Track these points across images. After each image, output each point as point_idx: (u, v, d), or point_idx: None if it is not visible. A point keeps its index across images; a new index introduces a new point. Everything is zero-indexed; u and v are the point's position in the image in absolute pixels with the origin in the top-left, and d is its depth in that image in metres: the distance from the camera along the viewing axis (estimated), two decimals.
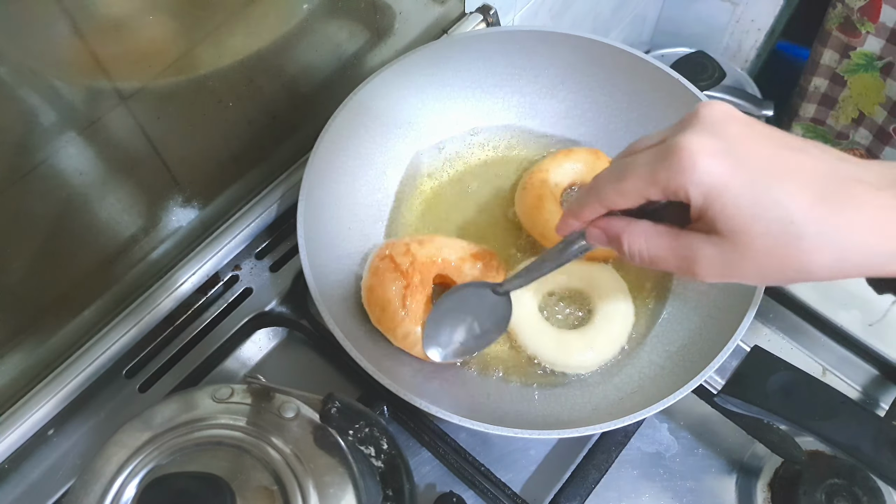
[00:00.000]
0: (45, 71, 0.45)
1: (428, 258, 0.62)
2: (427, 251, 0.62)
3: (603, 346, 0.61)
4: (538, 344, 0.61)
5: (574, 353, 0.61)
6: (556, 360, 0.61)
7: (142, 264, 0.62)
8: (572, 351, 0.61)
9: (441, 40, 0.75)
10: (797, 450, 0.59)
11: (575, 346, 0.61)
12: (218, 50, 0.55)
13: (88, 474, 0.43)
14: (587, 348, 0.61)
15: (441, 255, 0.63)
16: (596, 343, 0.61)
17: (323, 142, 0.63)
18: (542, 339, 0.61)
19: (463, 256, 0.63)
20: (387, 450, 0.46)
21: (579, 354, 0.61)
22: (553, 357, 0.61)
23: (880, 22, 1.06)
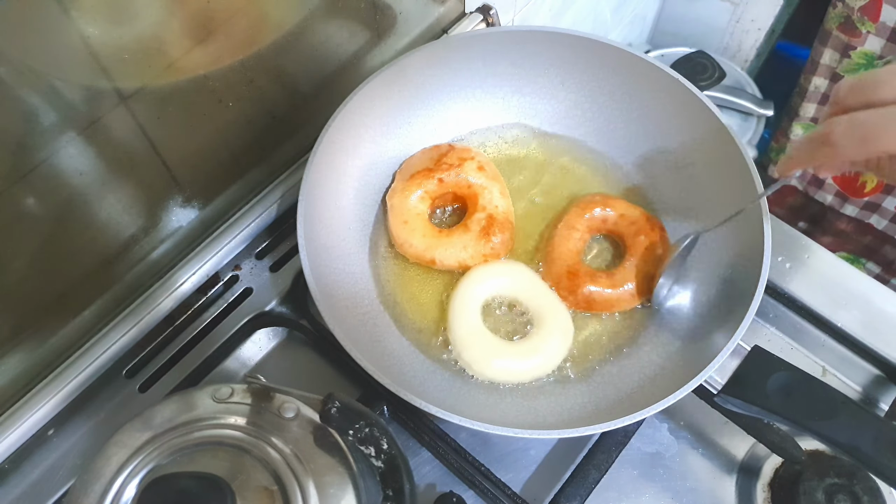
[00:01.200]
0: (45, 71, 0.45)
1: (465, 177, 0.67)
2: (473, 176, 0.67)
3: (534, 363, 0.61)
4: (468, 345, 0.61)
5: (514, 364, 0.60)
6: (485, 372, 0.61)
7: (142, 264, 0.62)
8: (500, 360, 0.60)
9: (441, 40, 0.75)
10: (797, 450, 0.59)
11: (515, 358, 0.61)
12: (218, 50, 0.55)
13: (88, 474, 0.43)
14: (520, 358, 0.61)
15: (476, 189, 0.66)
16: (528, 357, 0.61)
17: (323, 142, 0.63)
18: (473, 340, 0.61)
19: (486, 206, 0.66)
20: (387, 450, 0.46)
21: (519, 365, 0.60)
22: (482, 368, 0.60)
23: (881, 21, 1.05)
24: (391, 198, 0.67)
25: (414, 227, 0.65)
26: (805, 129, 1.29)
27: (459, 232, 0.65)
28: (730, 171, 0.63)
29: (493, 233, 0.65)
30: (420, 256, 0.65)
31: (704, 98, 0.64)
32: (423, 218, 0.66)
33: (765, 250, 0.57)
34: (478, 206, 0.66)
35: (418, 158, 0.69)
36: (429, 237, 0.65)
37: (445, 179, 0.66)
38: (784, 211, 1.37)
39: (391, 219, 0.66)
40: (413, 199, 0.66)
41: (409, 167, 0.68)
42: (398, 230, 0.65)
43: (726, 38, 1.35)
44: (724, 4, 1.30)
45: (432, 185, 0.66)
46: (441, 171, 0.66)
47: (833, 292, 0.70)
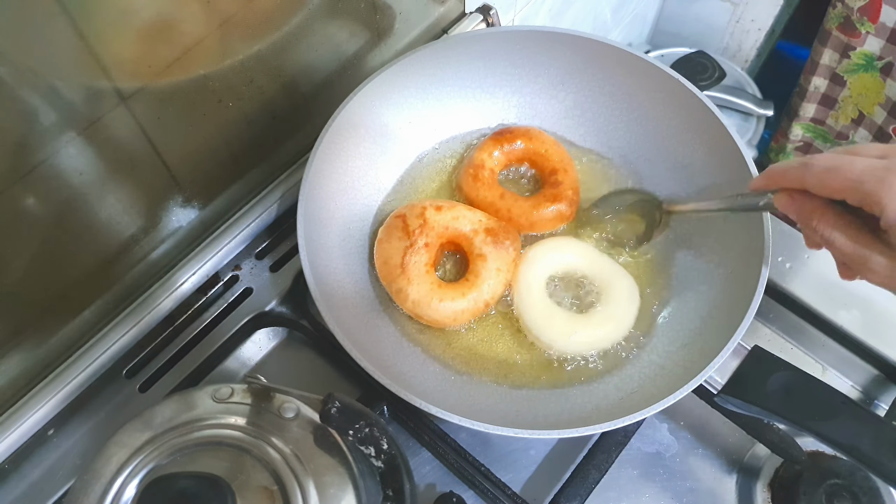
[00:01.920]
0: (45, 71, 0.45)
1: (440, 224, 0.64)
2: (441, 218, 0.64)
3: (610, 330, 0.62)
4: (545, 325, 0.62)
5: (579, 334, 0.61)
6: (559, 342, 0.61)
7: (142, 264, 0.62)
8: (578, 332, 0.61)
9: (441, 40, 0.75)
10: (797, 450, 0.59)
11: (582, 328, 0.62)
12: (218, 50, 0.55)
13: (88, 474, 0.43)
14: (596, 328, 0.62)
15: (454, 224, 0.64)
16: (604, 326, 0.62)
17: (323, 142, 0.63)
18: (550, 320, 0.62)
19: (476, 229, 0.64)
20: (387, 450, 0.46)
21: (584, 336, 0.61)
22: (558, 339, 0.61)
23: (880, 22, 1.06)
24: (406, 301, 0.62)
25: (451, 298, 0.62)
26: (805, 129, 1.29)
27: (481, 264, 0.63)
28: (730, 172, 0.63)
29: (503, 238, 0.64)
30: (476, 311, 0.63)
31: (704, 98, 0.64)
32: (445, 286, 0.62)
33: (765, 250, 0.57)
34: (468, 235, 0.64)
35: (388, 249, 0.63)
36: (468, 293, 0.62)
37: (430, 241, 0.63)
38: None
39: (423, 314, 0.62)
40: (423, 281, 0.62)
41: (388, 262, 0.63)
42: (441, 313, 0.61)
43: (726, 38, 1.35)
44: (724, 4, 1.30)
45: (425, 256, 0.63)
46: (419, 237, 0.63)
47: (833, 292, 0.70)
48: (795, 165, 0.49)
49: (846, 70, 1.15)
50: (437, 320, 0.62)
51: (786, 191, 0.50)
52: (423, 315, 0.62)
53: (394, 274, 0.62)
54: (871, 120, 1.18)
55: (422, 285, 0.62)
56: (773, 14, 1.27)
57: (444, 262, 0.68)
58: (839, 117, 1.23)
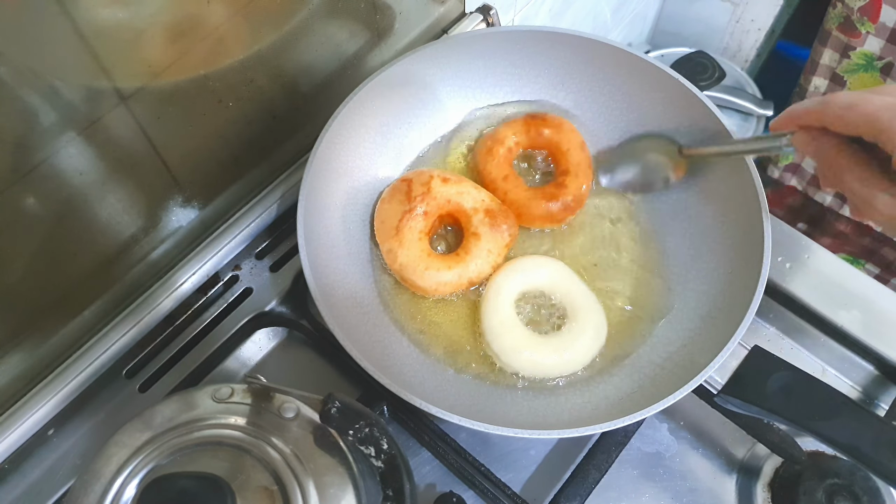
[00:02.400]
0: (46, 71, 0.45)
1: (442, 196, 0.65)
2: (446, 190, 0.65)
3: (576, 353, 0.61)
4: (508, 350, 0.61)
5: (545, 359, 0.61)
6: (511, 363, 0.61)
7: (142, 264, 0.62)
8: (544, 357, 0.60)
9: (441, 40, 0.75)
10: (797, 450, 0.59)
11: (546, 353, 0.61)
12: (218, 50, 0.55)
13: (88, 474, 0.43)
14: (560, 353, 0.61)
15: (457, 199, 0.65)
16: (569, 350, 0.61)
17: (323, 142, 0.63)
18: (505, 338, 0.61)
19: (477, 207, 0.65)
20: (387, 450, 0.46)
21: (550, 360, 0.61)
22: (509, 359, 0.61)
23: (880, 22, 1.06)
24: (394, 261, 0.63)
25: (437, 268, 0.63)
26: None
27: (473, 242, 0.64)
28: (730, 172, 0.63)
29: (500, 222, 0.65)
30: (458, 286, 0.64)
31: (704, 98, 0.64)
32: (435, 256, 0.64)
33: (765, 250, 0.57)
34: (468, 211, 0.65)
35: (388, 210, 0.65)
36: (454, 266, 0.63)
37: (429, 210, 0.65)
38: (783, 211, 1.37)
39: (408, 278, 0.63)
40: (414, 246, 0.63)
41: (385, 222, 0.65)
42: (424, 281, 0.63)
43: (726, 38, 1.35)
44: (724, 4, 1.30)
45: (420, 222, 0.64)
46: (419, 204, 0.64)
47: (833, 292, 0.70)
48: (815, 102, 0.50)
49: (846, 70, 1.15)
50: (420, 287, 0.63)
51: (805, 129, 0.52)
52: (408, 279, 0.63)
53: (388, 234, 0.64)
54: None
55: (412, 250, 0.63)
56: (773, 14, 1.27)
57: (444, 234, 0.69)
58: None
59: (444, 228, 0.69)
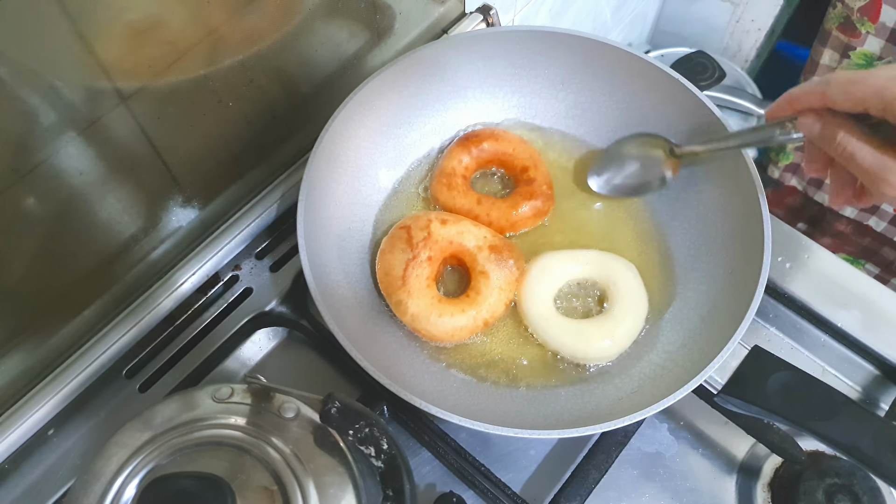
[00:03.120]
0: (45, 71, 0.45)
1: (444, 238, 0.63)
2: (446, 232, 0.64)
3: (622, 335, 0.62)
4: (559, 337, 0.62)
5: (594, 342, 0.61)
6: (577, 352, 0.61)
7: (142, 264, 0.62)
8: (592, 341, 0.61)
9: (441, 40, 0.75)
10: (797, 450, 0.59)
11: (594, 336, 0.61)
12: (218, 50, 0.55)
13: (88, 474, 0.43)
14: (606, 337, 0.61)
15: (458, 239, 0.64)
16: (615, 333, 0.61)
17: (323, 142, 0.63)
18: (561, 331, 0.62)
19: (480, 245, 0.64)
20: (387, 450, 0.46)
21: (599, 343, 0.61)
22: (573, 349, 0.61)
23: (880, 22, 1.06)
24: (405, 314, 0.61)
25: (451, 314, 0.61)
26: None
27: (482, 281, 0.62)
28: (730, 172, 0.63)
29: (506, 257, 0.63)
30: (475, 328, 0.62)
31: (704, 98, 0.64)
32: (445, 301, 0.62)
33: (765, 250, 0.57)
34: (472, 250, 0.64)
35: (390, 260, 0.63)
36: (468, 309, 0.61)
37: (433, 255, 0.63)
38: (783, 211, 1.37)
39: (421, 328, 0.61)
40: (424, 295, 0.61)
41: (390, 274, 0.63)
42: (440, 328, 0.61)
43: (726, 38, 1.35)
44: (724, 4, 1.30)
45: (427, 269, 0.62)
46: (422, 251, 0.62)
47: (833, 292, 0.70)
48: (815, 83, 0.50)
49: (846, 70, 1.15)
50: (435, 335, 0.61)
51: (809, 112, 0.51)
52: (422, 329, 0.61)
53: (395, 286, 0.62)
54: None
55: (422, 299, 0.61)
56: (773, 14, 1.27)
57: (444, 277, 0.67)
58: None
59: (446, 271, 0.67)
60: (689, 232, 0.66)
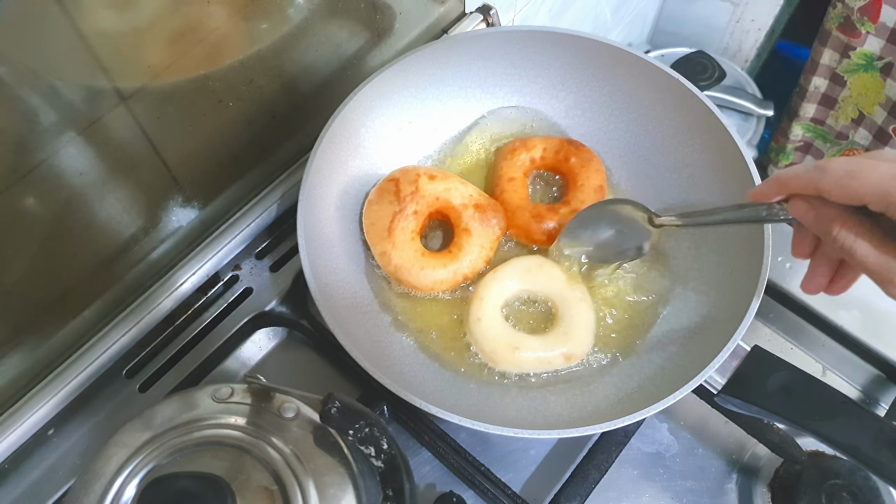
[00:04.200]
0: (46, 71, 0.45)
1: (431, 194, 0.65)
2: (434, 187, 0.65)
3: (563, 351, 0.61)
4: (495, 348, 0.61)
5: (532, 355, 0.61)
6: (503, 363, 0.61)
7: (142, 264, 0.62)
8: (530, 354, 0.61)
9: (441, 40, 0.75)
10: (797, 450, 0.59)
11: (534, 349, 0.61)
12: (218, 50, 0.55)
13: (88, 474, 0.43)
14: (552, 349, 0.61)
15: (445, 196, 0.65)
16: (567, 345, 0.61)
17: (323, 142, 0.63)
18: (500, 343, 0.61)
19: (466, 203, 0.65)
20: (387, 450, 0.46)
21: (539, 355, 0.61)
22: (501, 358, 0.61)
23: (880, 22, 1.06)
24: (388, 264, 0.63)
25: (433, 267, 0.63)
26: (805, 129, 1.29)
27: (465, 238, 0.65)
28: (730, 172, 0.63)
29: (490, 216, 0.65)
30: (454, 283, 0.64)
31: (704, 98, 0.64)
32: (429, 255, 0.64)
33: (765, 250, 0.57)
34: (457, 207, 0.65)
35: (377, 210, 0.65)
36: (448, 264, 0.64)
37: (419, 209, 0.65)
38: None
39: (404, 279, 0.63)
40: (407, 248, 0.64)
41: (376, 224, 0.64)
42: (420, 280, 0.63)
43: (726, 38, 1.35)
44: (724, 4, 1.30)
45: (412, 222, 0.64)
46: (409, 204, 0.64)
47: None
48: (809, 169, 0.46)
49: (846, 70, 1.15)
50: (416, 286, 0.64)
51: (801, 197, 0.47)
52: (403, 280, 0.64)
53: (380, 237, 0.64)
54: (871, 120, 1.18)
55: (406, 251, 0.63)
56: (773, 14, 1.27)
57: (428, 231, 0.69)
58: (839, 117, 1.23)
59: (430, 225, 0.69)
60: (690, 232, 0.66)
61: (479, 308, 0.62)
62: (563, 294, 0.63)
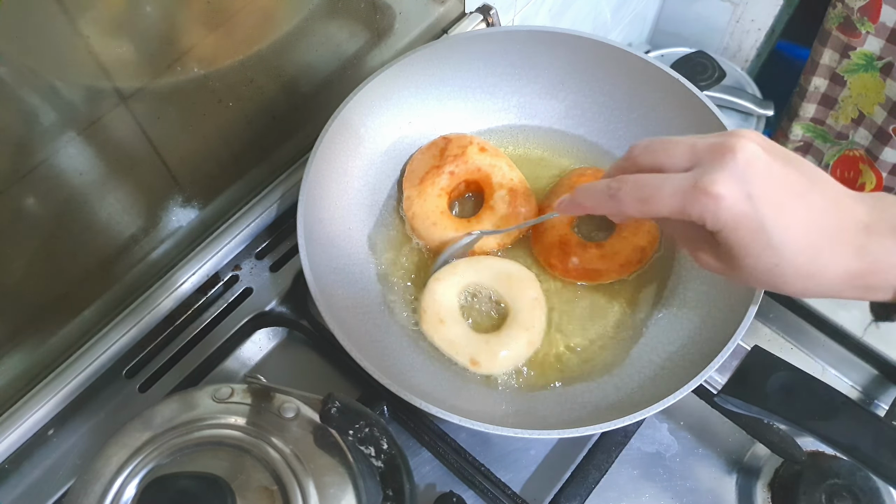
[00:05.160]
0: (46, 71, 0.45)
1: (473, 163, 0.67)
2: (479, 158, 0.68)
3: (513, 349, 0.61)
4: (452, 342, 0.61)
5: (483, 354, 0.61)
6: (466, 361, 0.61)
7: (142, 264, 0.62)
8: (482, 352, 0.61)
9: (441, 40, 0.75)
10: (797, 450, 0.59)
11: (484, 348, 0.61)
12: (218, 50, 0.55)
13: (88, 474, 0.43)
14: (497, 350, 0.61)
15: (487, 170, 0.67)
16: (506, 347, 0.61)
17: (323, 142, 0.63)
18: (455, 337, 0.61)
19: (502, 183, 0.67)
20: (387, 450, 0.46)
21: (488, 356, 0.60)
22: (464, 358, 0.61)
23: (880, 22, 1.06)
24: (409, 208, 0.66)
25: (445, 227, 0.65)
26: (805, 129, 1.29)
27: (487, 214, 0.66)
28: None
29: (519, 204, 0.66)
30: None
31: (704, 98, 0.64)
32: (447, 215, 0.66)
33: None
34: (493, 185, 0.67)
35: (420, 160, 0.69)
36: (461, 230, 0.65)
37: (456, 171, 0.67)
38: None
39: (417, 227, 0.66)
40: (432, 200, 0.66)
41: (413, 172, 0.68)
42: (430, 234, 0.65)
43: (726, 38, 1.35)
44: (724, 4, 1.30)
45: (445, 180, 0.67)
46: (449, 164, 0.67)
47: None
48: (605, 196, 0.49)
49: (846, 70, 1.15)
50: (425, 238, 0.66)
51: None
52: (417, 228, 0.66)
53: (412, 182, 0.67)
54: (871, 120, 1.18)
55: (428, 203, 0.66)
56: (773, 14, 1.27)
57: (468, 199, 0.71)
58: (839, 117, 1.23)
59: (469, 196, 0.71)
60: None
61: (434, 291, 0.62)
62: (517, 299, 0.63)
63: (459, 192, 0.70)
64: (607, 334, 0.64)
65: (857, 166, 1.24)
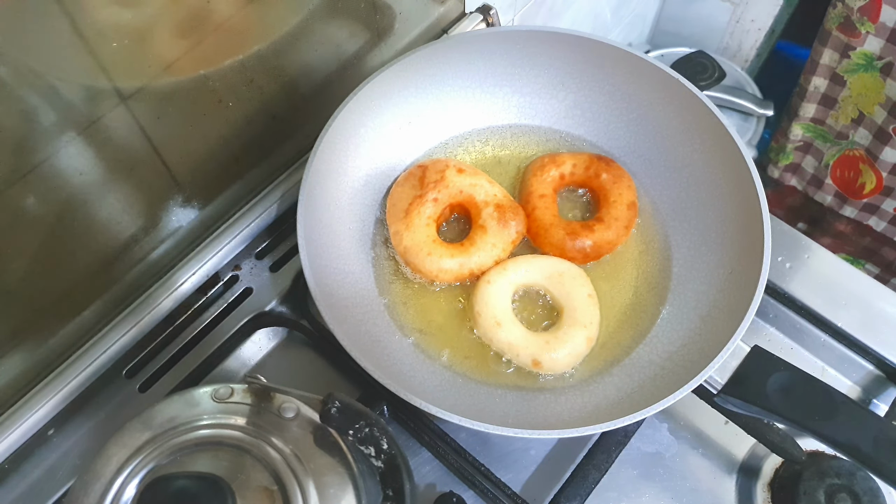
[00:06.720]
0: (46, 71, 0.45)
1: (455, 186, 0.66)
2: (459, 180, 0.67)
3: (574, 347, 0.61)
4: (512, 345, 0.61)
5: (545, 354, 0.60)
6: (528, 362, 0.61)
7: (142, 264, 0.62)
8: (544, 352, 0.60)
9: (441, 40, 0.75)
10: (797, 450, 0.59)
11: (546, 348, 0.61)
12: (218, 50, 0.55)
13: (88, 474, 0.43)
14: (558, 348, 0.60)
15: (469, 190, 0.67)
16: (567, 345, 0.61)
17: (323, 142, 0.63)
18: (515, 339, 0.61)
19: (487, 201, 0.66)
20: (387, 450, 0.46)
21: (550, 355, 0.60)
22: (526, 359, 0.61)
23: (880, 22, 1.06)
24: (399, 244, 0.65)
25: (440, 255, 0.64)
26: (805, 129, 1.29)
27: (479, 234, 0.65)
28: (730, 172, 0.63)
29: (509, 218, 0.66)
30: (459, 276, 0.64)
31: (704, 98, 0.64)
32: (440, 243, 0.65)
33: (765, 250, 0.57)
34: (478, 203, 0.66)
35: (400, 193, 0.67)
36: (457, 256, 0.64)
37: (439, 197, 0.66)
38: (783, 211, 1.38)
39: (412, 261, 0.64)
40: (421, 231, 0.65)
41: (396, 205, 0.67)
42: (426, 266, 0.64)
43: (726, 38, 1.35)
44: (724, 4, 1.30)
45: (430, 209, 0.66)
46: (431, 191, 0.66)
47: (833, 292, 0.70)
48: None
49: (846, 70, 1.15)
50: (421, 270, 0.65)
51: None
52: (411, 262, 0.65)
53: (397, 216, 0.66)
54: (871, 120, 1.18)
55: (417, 234, 0.65)
56: (773, 14, 1.27)
57: (452, 222, 0.70)
58: (839, 117, 1.23)
59: (454, 218, 0.70)
60: (690, 232, 0.66)
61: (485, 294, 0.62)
62: (571, 296, 0.63)
63: (445, 216, 0.69)
64: (608, 334, 0.64)
65: (857, 166, 1.24)
